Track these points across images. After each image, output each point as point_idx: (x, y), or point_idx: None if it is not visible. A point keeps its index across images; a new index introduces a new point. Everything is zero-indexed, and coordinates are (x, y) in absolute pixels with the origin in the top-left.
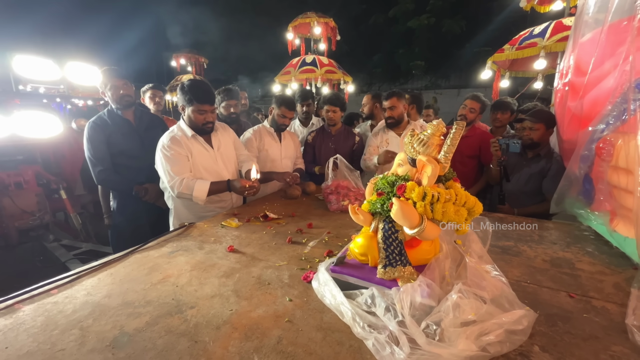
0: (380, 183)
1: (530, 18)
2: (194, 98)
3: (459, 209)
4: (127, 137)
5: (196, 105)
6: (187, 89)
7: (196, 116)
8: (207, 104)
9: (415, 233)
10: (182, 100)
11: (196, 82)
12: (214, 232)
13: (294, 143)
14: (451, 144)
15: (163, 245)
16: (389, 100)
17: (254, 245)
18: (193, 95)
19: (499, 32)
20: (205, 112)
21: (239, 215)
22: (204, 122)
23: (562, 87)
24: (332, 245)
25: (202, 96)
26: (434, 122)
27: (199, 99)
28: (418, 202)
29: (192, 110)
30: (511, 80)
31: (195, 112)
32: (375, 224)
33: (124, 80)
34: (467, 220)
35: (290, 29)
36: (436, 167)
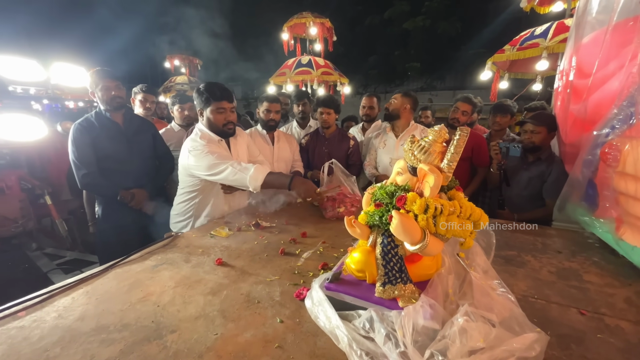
0: (379, 193)
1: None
2: (210, 96)
3: (464, 223)
4: (114, 141)
5: (214, 103)
6: (203, 89)
7: (215, 116)
8: (225, 101)
9: (417, 249)
10: (200, 104)
11: (211, 82)
12: (202, 243)
13: (289, 146)
14: (455, 151)
15: (147, 258)
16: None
17: (244, 257)
18: (210, 94)
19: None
20: (224, 111)
21: (230, 224)
22: (225, 121)
23: (563, 89)
24: (327, 256)
25: (218, 93)
26: (436, 128)
27: (216, 96)
28: (420, 215)
29: (211, 111)
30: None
31: (214, 112)
32: (374, 238)
33: (116, 82)
34: (472, 234)
35: (286, 29)
36: (439, 177)
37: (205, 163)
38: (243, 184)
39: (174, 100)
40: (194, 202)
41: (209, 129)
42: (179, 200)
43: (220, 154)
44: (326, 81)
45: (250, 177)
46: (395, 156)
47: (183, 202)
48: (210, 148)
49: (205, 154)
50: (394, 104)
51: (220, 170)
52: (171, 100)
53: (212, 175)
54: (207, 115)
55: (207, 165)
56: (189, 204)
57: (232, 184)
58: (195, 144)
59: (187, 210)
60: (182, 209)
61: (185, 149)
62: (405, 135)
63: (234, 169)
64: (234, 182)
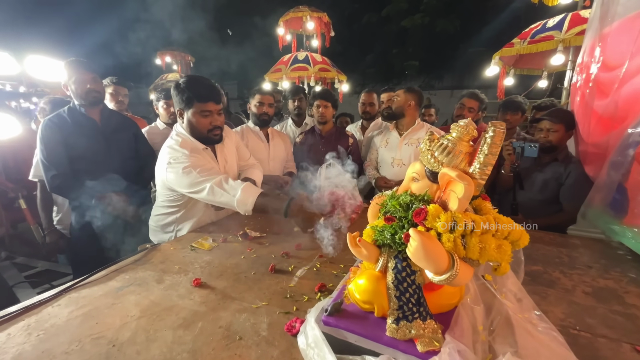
0: (390, 204)
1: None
2: (194, 96)
3: (502, 244)
4: (89, 139)
5: (198, 105)
6: (185, 86)
7: (199, 120)
8: (212, 102)
9: (443, 280)
10: (179, 103)
11: (195, 77)
12: (180, 257)
13: (284, 143)
14: (490, 152)
15: (112, 277)
16: (397, 91)
17: (228, 277)
18: (193, 93)
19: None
20: (210, 114)
21: (214, 233)
22: (210, 127)
23: (584, 84)
24: (324, 274)
25: (204, 92)
26: (461, 123)
27: (201, 96)
28: (445, 235)
29: (194, 113)
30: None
31: (197, 115)
32: (384, 262)
33: (92, 74)
34: (510, 257)
35: (281, 24)
36: (470, 185)
37: (187, 180)
38: (229, 205)
39: (158, 96)
40: (175, 216)
41: (191, 134)
42: (157, 212)
43: (204, 167)
44: (324, 78)
45: (237, 200)
46: (398, 156)
47: (162, 215)
48: (193, 160)
49: (187, 168)
50: (398, 101)
51: (201, 189)
52: (155, 95)
53: (194, 194)
54: (188, 117)
55: (189, 183)
56: (169, 217)
57: (217, 205)
58: (176, 155)
59: (167, 224)
60: (162, 221)
61: (163, 159)
62: (410, 134)
63: (218, 188)
64: (219, 203)
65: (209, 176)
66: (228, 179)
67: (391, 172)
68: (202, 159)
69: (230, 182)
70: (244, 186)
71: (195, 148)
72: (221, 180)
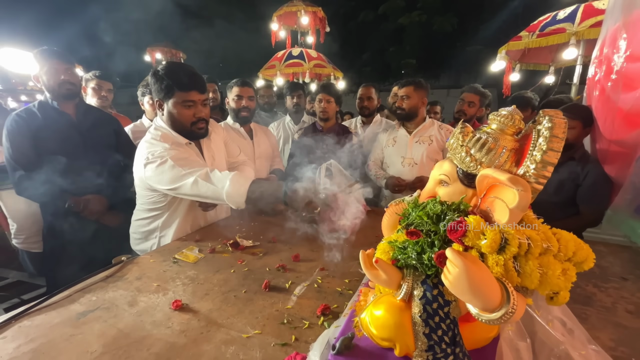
0: (414, 215)
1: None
2: (174, 84)
3: (567, 268)
4: (62, 136)
5: (179, 94)
6: (164, 72)
7: (181, 111)
8: (195, 91)
9: (493, 319)
10: (158, 93)
11: (175, 64)
12: (159, 272)
13: (268, 139)
14: (550, 147)
15: (76, 299)
16: (403, 88)
17: (214, 296)
18: (173, 80)
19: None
20: (193, 104)
21: (201, 242)
22: (194, 119)
23: (604, 77)
24: (327, 292)
25: (185, 80)
26: (503, 112)
27: (182, 84)
28: (491, 257)
29: (175, 104)
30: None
31: (178, 106)
32: (408, 288)
33: (66, 65)
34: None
35: (275, 19)
36: (527, 192)
37: (167, 176)
38: (218, 199)
39: (143, 91)
40: (158, 221)
41: (172, 128)
42: (137, 217)
43: (187, 160)
44: (319, 74)
45: (227, 192)
46: (408, 155)
47: (143, 220)
48: (174, 153)
49: (167, 162)
50: (411, 102)
51: (184, 184)
52: (141, 90)
53: (177, 191)
54: (168, 109)
55: (170, 178)
56: (151, 223)
57: (205, 200)
58: (154, 149)
59: (148, 231)
60: (143, 228)
61: (140, 155)
62: (420, 132)
63: (203, 181)
64: (206, 197)
65: (193, 168)
66: (214, 170)
67: (401, 171)
68: (185, 152)
69: (216, 174)
70: (233, 176)
71: (177, 142)
72: (207, 172)
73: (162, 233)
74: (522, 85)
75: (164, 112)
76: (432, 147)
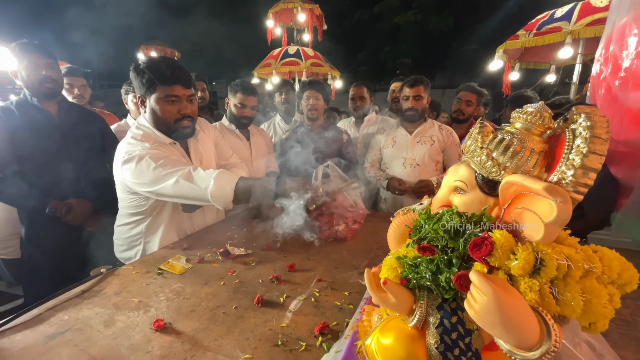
0: (428, 227)
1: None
2: (155, 78)
3: (613, 293)
4: (43, 136)
5: (161, 88)
6: (145, 66)
7: (164, 107)
8: (179, 85)
9: (531, 359)
10: (140, 88)
11: (158, 57)
12: (142, 286)
13: (264, 140)
14: (592, 150)
15: (45, 318)
16: (414, 88)
17: (201, 313)
18: (155, 74)
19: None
20: (177, 100)
21: (189, 250)
22: (178, 115)
23: (611, 75)
24: (326, 307)
25: (168, 73)
26: (530, 109)
27: (164, 78)
28: (522, 281)
29: (157, 99)
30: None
31: (161, 102)
32: (422, 314)
33: (48, 60)
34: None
35: (271, 16)
36: (567, 204)
37: (147, 177)
38: (202, 200)
39: (127, 89)
40: (141, 226)
41: (155, 127)
42: (120, 223)
43: (168, 159)
44: (316, 73)
45: (211, 192)
46: (410, 156)
47: (125, 226)
48: (154, 152)
49: (146, 162)
50: (423, 102)
51: (165, 185)
52: (124, 89)
53: (158, 193)
54: (151, 105)
55: (150, 180)
56: (134, 229)
57: (189, 202)
58: (133, 148)
59: (132, 238)
60: (126, 234)
61: (118, 155)
62: (421, 132)
63: (185, 181)
64: (189, 199)
65: (174, 168)
66: (197, 169)
67: (402, 172)
68: (167, 150)
69: (200, 173)
70: (217, 174)
71: (159, 142)
72: (189, 171)
73: (146, 239)
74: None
75: (146, 109)
76: (434, 147)
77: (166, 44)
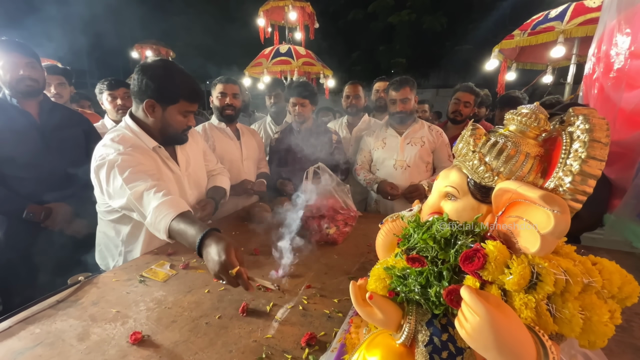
0: (418, 237)
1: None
2: (182, 94)
3: (614, 309)
4: (22, 137)
5: (184, 104)
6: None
7: (178, 119)
8: (197, 102)
9: None
10: (154, 93)
11: (178, 70)
12: (122, 295)
13: (255, 140)
14: (590, 155)
15: (16, 331)
16: (400, 91)
17: (182, 324)
18: (182, 90)
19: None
20: (189, 114)
21: (174, 256)
22: (186, 127)
23: (603, 75)
24: (313, 315)
25: (196, 94)
26: (524, 110)
27: (191, 96)
28: (517, 297)
29: (176, 111)
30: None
31: (179, 115)
32: (410, 330)
33: (28, 59)
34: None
35: (262, 14)
36: (565, 214)
37: (111, 187)
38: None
39: (101, 87)
40: (122, 233)
41: (147, 129)
42: (101, 228)
43: (136, 169)
44: (308, 72)
45: (148, 222)
46: (400, 158)
47: (107, 232)
48: (124, 159)
49: (113, 169)
50: (411, 103)
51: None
52: (98, 87)
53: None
54: (164, 114)
55: (113, 191)
56: (115, 235)
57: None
58: (106, 151)
59: (113, 243)
60: (107, 240)
61: (94, 160)
62: (411, 134)
63: (134, 202)
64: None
65: (136, 182)
66: (155, 188)
67: (393, 174)
68: (141, 157)
69: (150, 195)
70: (160, 203)
71: (137, 145)
72: (143, 191)
73: (127, 248)
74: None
75: (150, 114)
76: (425, 148)
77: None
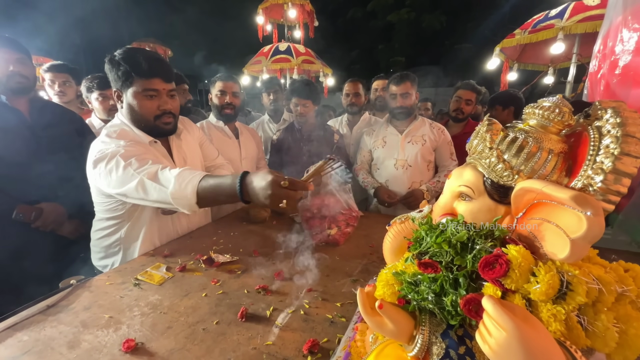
0: (431, 240)
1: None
2: (132, 70)
3: None
4: (11, 136)
5: (138, 82)
6: (121, 57)
7: (142, 102)
8: (158, 78)
9: None
10: (116, 82)
11: (135, 48)
12: (115, 299)
13: (254, 139)
14: (624, 151)
15: (3, 338)
16: (401, 85)
17: (178, 330)
18: (131, 66)
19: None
20: (156, 95)
21: (171, 257)
22: (158, 111)
23: (609, 72)
24: (315, 320)
25: (147, 66)
26: (546, 103)
27: (142, 71)
28: (545, 307)
29: (135, 93)
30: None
31: (139, 96)
32: (423, 342)
33: (18, 54)
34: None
35: (261, 12)
36: (599, 217)
37: (115, 176)
38: (166, 202)
39: (89, 86)
40: (120, 232)
41: (134, 124)
42: (97, 228)
43: (139, 157)
44: (307, 70)
45: (172, 193)
46: (401, 157)
47: (103, 232)
48: (126, 150)
49: (115, 160)
50: (412, 99)
51: (129, 187)
52: (86, 85)
53: (124, 196)
54: (127, 100)
55: (118, 180)
56: (112, 235)
57: (155, 204)
58: (105, 147)
59: (110, 245)
60: (104, 241)
61: (91, 155)
62: (412, 131)
63: (149, 181)
64: (155, 202)
65: (142, 167)
66: (166, 168)
67: (395, 174)
68: (142, 148)
69: (165, 173)
70: (179, 172)
71: (136, 139)
72: (156, 170)
73: (125, 246)
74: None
75: (123, 105)
76: (426, 147)
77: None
